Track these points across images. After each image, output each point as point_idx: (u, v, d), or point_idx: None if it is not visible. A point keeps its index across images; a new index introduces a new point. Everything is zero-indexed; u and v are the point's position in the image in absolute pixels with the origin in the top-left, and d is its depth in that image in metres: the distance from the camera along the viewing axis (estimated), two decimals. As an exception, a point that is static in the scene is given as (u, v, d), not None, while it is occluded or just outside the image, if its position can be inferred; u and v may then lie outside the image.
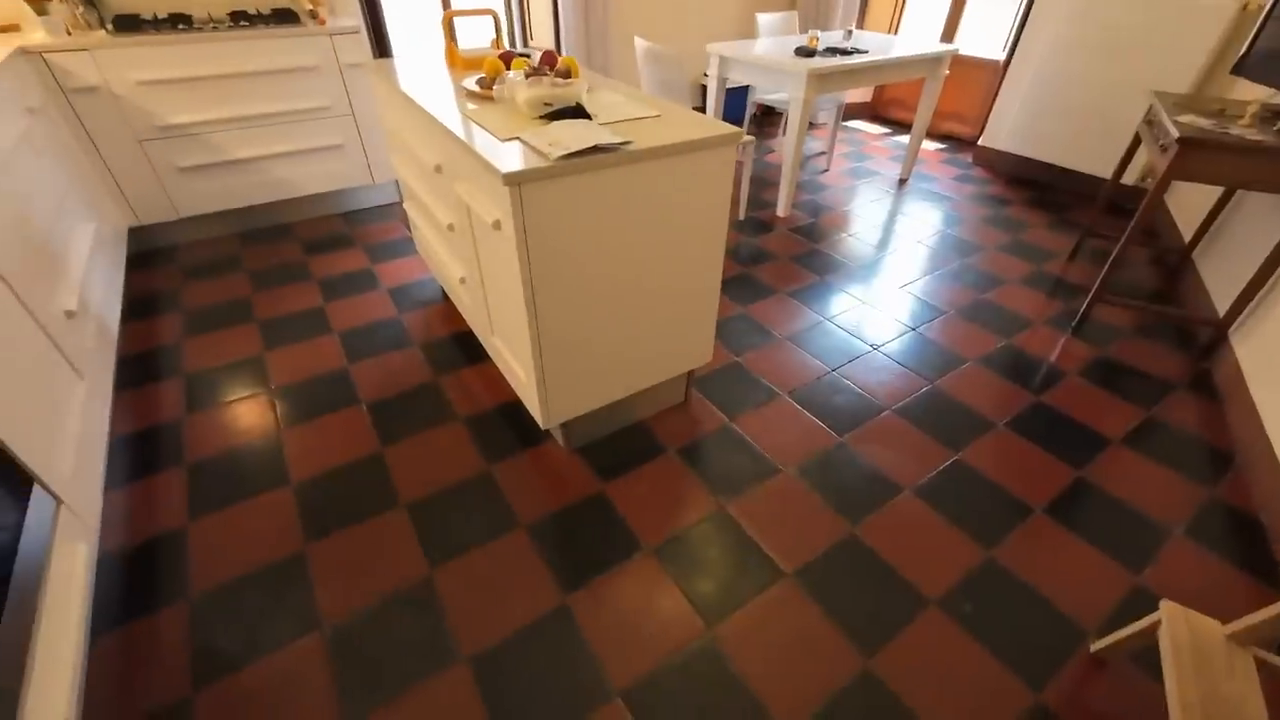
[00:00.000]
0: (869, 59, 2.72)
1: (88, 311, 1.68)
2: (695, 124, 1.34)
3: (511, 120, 1.34)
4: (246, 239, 2.71)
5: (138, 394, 1.81)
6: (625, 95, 1.55)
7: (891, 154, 3.93)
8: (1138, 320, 2.26)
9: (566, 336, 1.37)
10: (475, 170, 1.25)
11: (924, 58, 2.95)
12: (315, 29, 2.43)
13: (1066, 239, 2.87)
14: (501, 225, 1.21)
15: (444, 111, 1.43)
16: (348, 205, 2.96)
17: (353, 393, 1.84)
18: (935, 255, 2.71)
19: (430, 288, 2.38)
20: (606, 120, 1.35)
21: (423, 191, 1.79)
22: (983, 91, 3.89)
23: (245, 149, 2.51)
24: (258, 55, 2.37)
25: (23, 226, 1.49)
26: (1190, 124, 1.84)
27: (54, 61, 2.06)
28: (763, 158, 3.83)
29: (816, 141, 4.10)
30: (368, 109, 2.69)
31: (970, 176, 3.58)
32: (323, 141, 2.66)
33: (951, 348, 2.09)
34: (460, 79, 1.74)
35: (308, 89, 2.52)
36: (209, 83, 2.33)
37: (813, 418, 1.78)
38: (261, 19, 2.47)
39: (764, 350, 2.06)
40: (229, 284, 2.37)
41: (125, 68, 2.17)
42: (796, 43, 2.98)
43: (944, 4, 3.95)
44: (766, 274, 2.53)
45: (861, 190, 3.38)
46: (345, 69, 2.56)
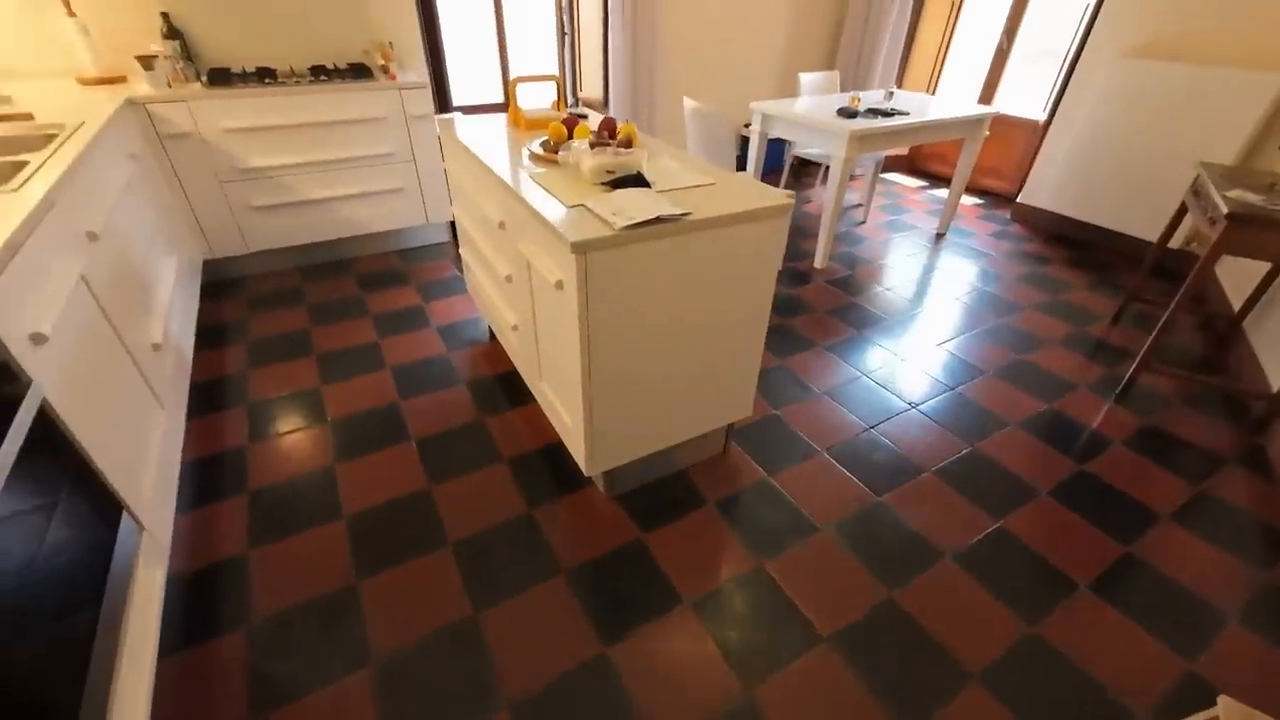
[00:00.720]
0: (909, 121, 2.80)
1: (169, 342, 1.81)
2: (746, 193, 1.41)
3: (576, 186, 1.43)
4: (308, 273, 2.87)
5: (205, 421, 1.92)
6: (681, 163, 1.64)
7: (929, 208, 3.98)
8: (1185, 389, 2.22)
9: (616, 390, 1.43)
10: (541, 233, 1.34)
11: (964, 120, 3.02)
12: (386, 84, 2.62)
13: (1108, 301, 2.85)
14: (564, 286, 1.28)
15: (511, 173, 1.53)
16: (403, 243, 3.12)
17: (403, 429, 1.92)
18: (973, 313, 2.72)
19: (478, 327, 2.48)
20: (665, 188, 1.43)
21: (482, 241, 1.89)
22: (1022, 149, 3.93)
23: (314, 190, 2.69)
24: (333, 107, 2.56)
25: (124, 265, 1.63)
26: (1239, 199, 1.85)
27: (154, 111, 2.27)
28: (801, 207, 3.91)
29: (854, 193, 4.17)
30: (427, 156, 2.86)
31: (1008, 233, 3.59)
32: (385, 185, 2.83)
33: (991, 409, 2.09)
34: (524, 139, 1.85)
35: (375, 137, 2.70)
36: (287, 130, 2.52)
37: (851, 475, 1.79)
38: (338, 73, 2.68)
39: (802, 404, 2.09)
40: (291, 316, 2.51)
41: (215, 117, 2.37)
42: (838, 102, 3.08)
43: (983, 65, 4.04)
44: (804, 326, 2.57)
45: (898, 243, 3.42)
46: (410, 120, 2.74)
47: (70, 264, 1.29)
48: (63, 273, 1.24)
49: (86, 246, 1.41)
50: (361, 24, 2.87)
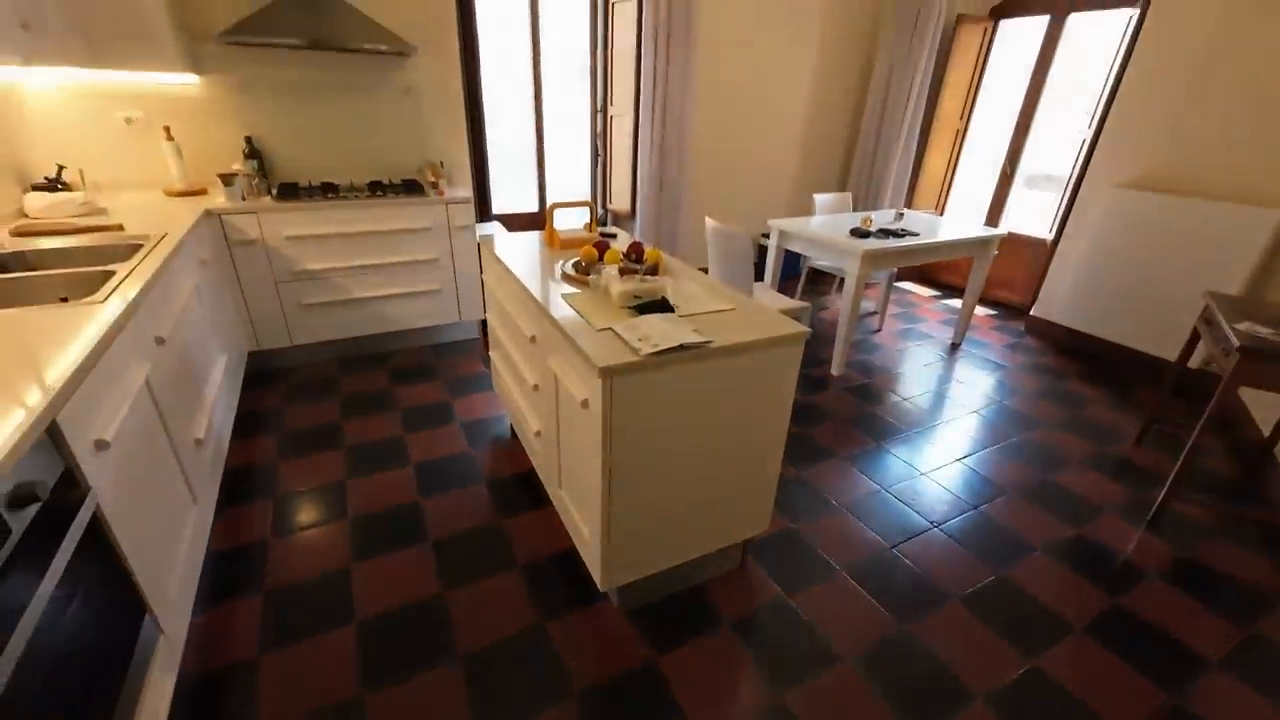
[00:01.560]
0: (919, 242, 2.96)
1: (210, 436, 1.90)
2: (764, 320, 1.50)
3: (605, 309, 1.54)
4: (345, 365, 3.01)
5: (233, 513, 1.97)
6: (703, 286, 1.75)
7: (943, 317, 4.08)
8: (1220, 518, 2.15)
9: (634, 507, 1.45)
10: (570, 352, 1.43)
11: (972, 240, 3.18)
12: (435, 199, 2.89)
13: (1130, 420, 2.83)
14: (590, 405, 1.35)
15: (545, 292, 1.65)
16: (436, 339, 3.28)
17: (421, 528, 1.93)
18: (993, 427, 2.71)
19: (500, 425, 2.55)
20: (687, 312, 1.53)
21: (513, 350, 2.00)
22: (1032, 265, 4.07)
23: (358, 290, 2.89)
24: (385, 219, 2.81)
25: (183, 365, 1.76)
26: (1249, 331, 1.89)
27: (228, 220, 2.52)
28: (817, 313, 4.04)
29: (868, 301, 4.31)
30: (465, 261, 3.08)
31: (1023, 346, 3.65)
32: (425, 287, 3.03)
33: (1017, 532, 2.04)
34: (557, 257, 2.01)
35: (421, 245, 2.94)
36: (342, 238, 2.76)
37: (871, 599, 1.73)
38: (393, 188, 2.96)
39: (820, 518, 2.06)
40: (324, 408, 2.61)
41: (280, 226, 2.62)
42: (850, 221, 3.28)
43: (989, 187, 4.29)
44: (822, 435, 2.58)
45: (914, 353, 3.49)
46: (453, 230, 2.98)
47: (138, 369, 1.40)
48: (131, 378, 1.35)
49: (153, 350, 1.54)
50: (419, 146, 3.21)
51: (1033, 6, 3.81)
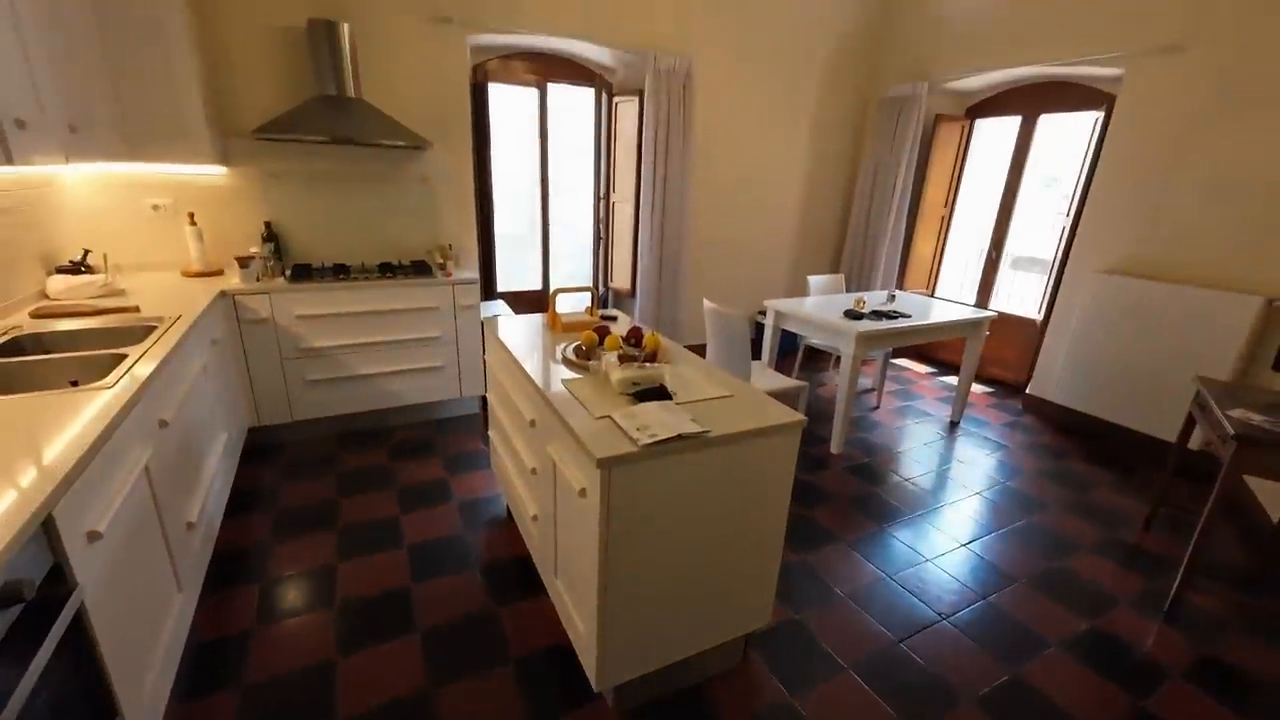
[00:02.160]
0: (911, 324, 3.03)
1: (203, 518, 1.87)
2: (762, 408, 1.52)
3: (604, 396, 1.56)
4: (344, 440, 3.01)
5: (216, 600, 1.90)
6: (700, 372, 1.79)
7: (940, 394, 4.11)
8: (1238, 610, 2.08)
9: (631, 601, 1.41)
10: (568, 440, 1.44)
11: (963, 322, 3.26)
12: (442, 280, 2.99)
13: (1136, 502, 2.79)
14: (587, 494, 1.34)
15: (545, 377, 1.69)
16: (436, 414, 3.29)
17: (411, 617, 1.87)
18: (997, 510, 2.67)
19: (497, 505, 2.51)
20: (685, 399, 1.55)
21: (512, 432, 2.01)
22: (1024, 343, 4.14)
23: (362, 367, 2.93)
24: (393, 299, 2.90)
25: (183, 446, 1.77)
26: (1243, 419, 1.91)
27: (241, 300, 2.60)
28: (815, 389, 4.08)
29: (866, 378, 4.35)
30: (468, 339, 3.14)
31: (1022, 424, 3.65)
32: (428, 363, 3.08)
33: (1029, 625, 1.96)
34: (559, 339, 2.06)
35: (426, 323, 3.01)
36: (350, 317, 2.84)
37: (882, 702, 1.64)
38: (403, 269, 3.08)
39: (825, 609, 1.99)
40: (321, 485, 2.59)
41: (291, 306, 2.70)
42: (844, 302, 3.38)
43: (977, 268, 4.45)
44: (824, 517, 2.54)
45: (914, 431, 3.49)
46: (459, 309, 3.07)
47: (139, 454, 1.41)
48: (131, 464, 1.36)
49: (156, 433, 1.55)
50: (430, 230, 3.37)
51: (1005, 108, 4.10)
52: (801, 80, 4.25)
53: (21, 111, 1.60)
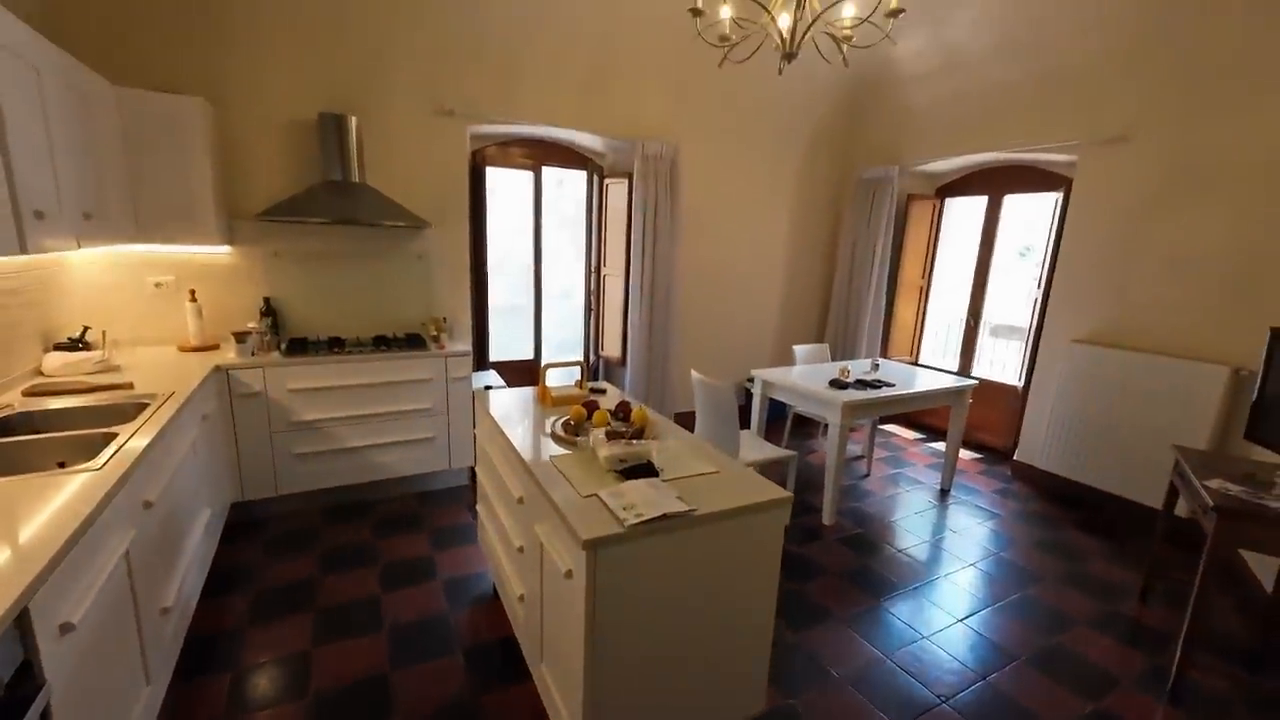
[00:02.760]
0: (895, 393, 3.10)
1: (178, 602, 1.81)
2: (749, 484, 1.54)
3: (591, 472, 1.58)
4: (328, 514, 2.95)
5: (185, 690, 1.81)
6: (687, 446, 1.81)
7: (929, 461, 4.12)
8: (1241, 688, 2.02)
9: (618, 685, 1.37)
10: (555, 519, 1.44)
11: (946, 391, 3.33)
12: (435, 352, 3.05)
13: (1130, 572, 2.76)
14: (573, 576, 1.34)
15: (534, 453, 1.71)
16: (424, 486, 3.26)
17: (388, 707, 1.78)
18: (993, 583, 2.63)
19: (483, 582, 2.45)
20: (672, 475, 1.57)
21: (500, 509, 2.00)
22: (1008, 409, 4.20)
23: (352, 440, 2.93)
24: (386, 371, 2.94)
25: (165, 528, 1.74)
26: (1221, 489, 1.94)
27: (234, 375, 2.63)
28: (804, 457, 4.08)
29: (855, 445, 4.37)
30: (459, 410, 3.16)
31: (1012, 491, 3.65)
32: (418, 435, 3.08)
33: (1032, 709, 1.90)
34: (549, 413, 2.09)
35: (418, 395, 3.04)
36: (342, 390, 2.86)
37: (883, 797, 1.56)
38: (397, 342, 3.14)
39: (821, 693, 1.92)
40: (301, 564, 2.52)
41: (284, 379, 2.73)
42: (829, 371, 3.46)
43: (957, 336, 4.58)
44: (818, 592, 2.49)
45: (905, 499, 3.48)
46: (451, 381, 3.11)
47: (120, 539, 1.40)
48: (111, 550, 1.34)
49: (139, 515, 1.54)
50: (425, 303, 3.46)
51: (972, 189, 4.37)
52: (781, 163, 4.53)
53: (41, 203, 1.69)
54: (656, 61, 3.62)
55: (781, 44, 2.06)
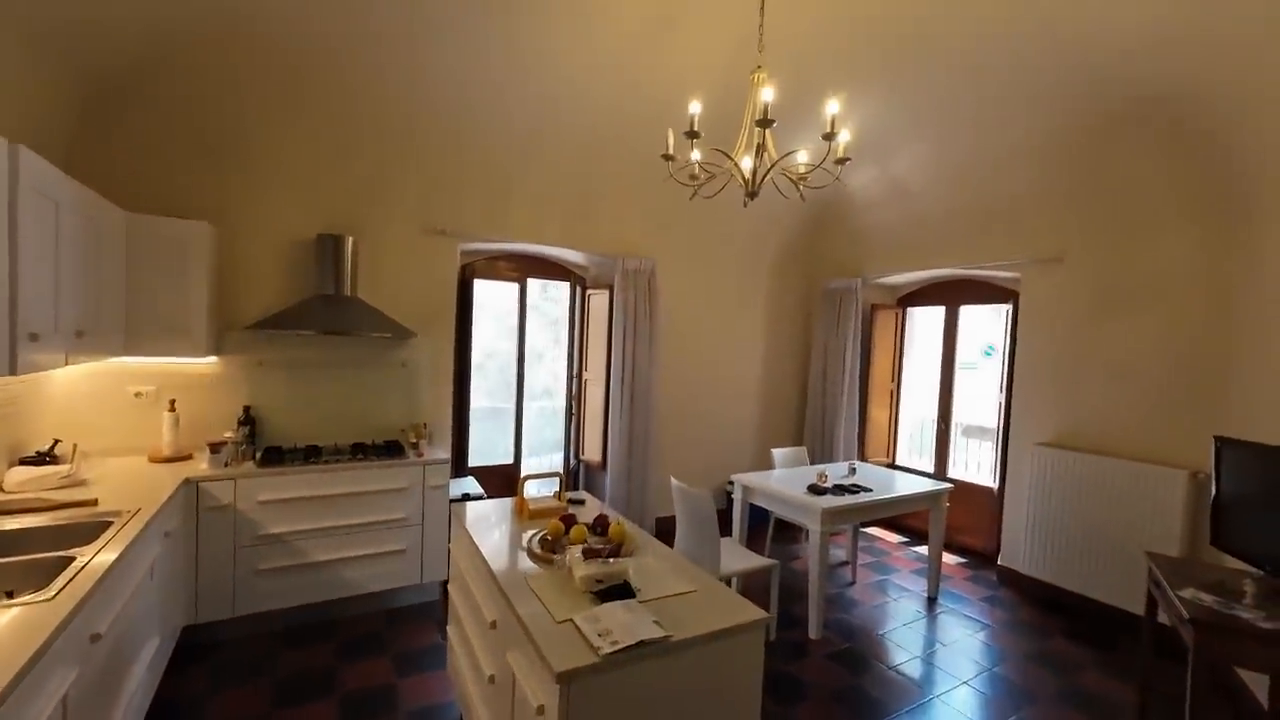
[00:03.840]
0: (873, 498, 3.13)
1: (111, 749, 1.66)
2: (727, 605, 1.53)
3: (567, 594, 1.55)
4: (287, 636, 2.76)
5: None
6: (666, 562, 1.80)
7: (914, 566, 4.05)
8: (1258, 823, 1.91)
9: (593, 844, 1.27)
10: (529, 649, 1.40)
11: (924, 494, 3.37)
12: (414, 460, 3.03)
13: (1124, 684, 2.67)
14: (545, 713, 1.28)
15: (510, 574, 1.68)
16: (392, 603, 3.09)
17: None
18: (990, 704, 2.52)
19: (450, 713, 2.28)
20: (649, 596, 1.55)
21: (472, 633, 1.92)
22: (987, 511, 4.22)
23: (320, 553, 2.82)
24: (363, 481, 2.90)
25: (109, 662, 1.63)
26: (1194, 600, 1.95)
27: (204, 487, 2.57)
28: (788, 563, 3.99)
29: (838, 550, 4.30)
30: (434, 520, 3.09)
31: (999, 599, 3.58)
32: (391, 547, 2.98)
33: None
34: (526, 526, 2.07)
35: (394, 504, 2.98)
36: (315, 500, 2.80)
37: None
38: (375, 450, 3.12)
39: (813, 842, 1.77)
40: (251, 696, 2.33)
41: (256, 491, 2.67)
42: (809, 475, 3.48)
43: (931, 433, 4.69)
44: (806, 717, 2.35)
45: (892, 609, 3.39)
46: (428, 490, 3.06)
47: (62, 679, 1.32)
48: (51, 693, 1.26)
49: (85, 650, 1.45)
50: (406, 409, 3.49)
51: (930, 299, 4.69)
52: (752, 275, 4.85)
53: (38, 326, 1.75)
54: (636, 190, 3.97)
55: (745, 184, 2.32)
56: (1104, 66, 2.72)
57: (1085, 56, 2.68)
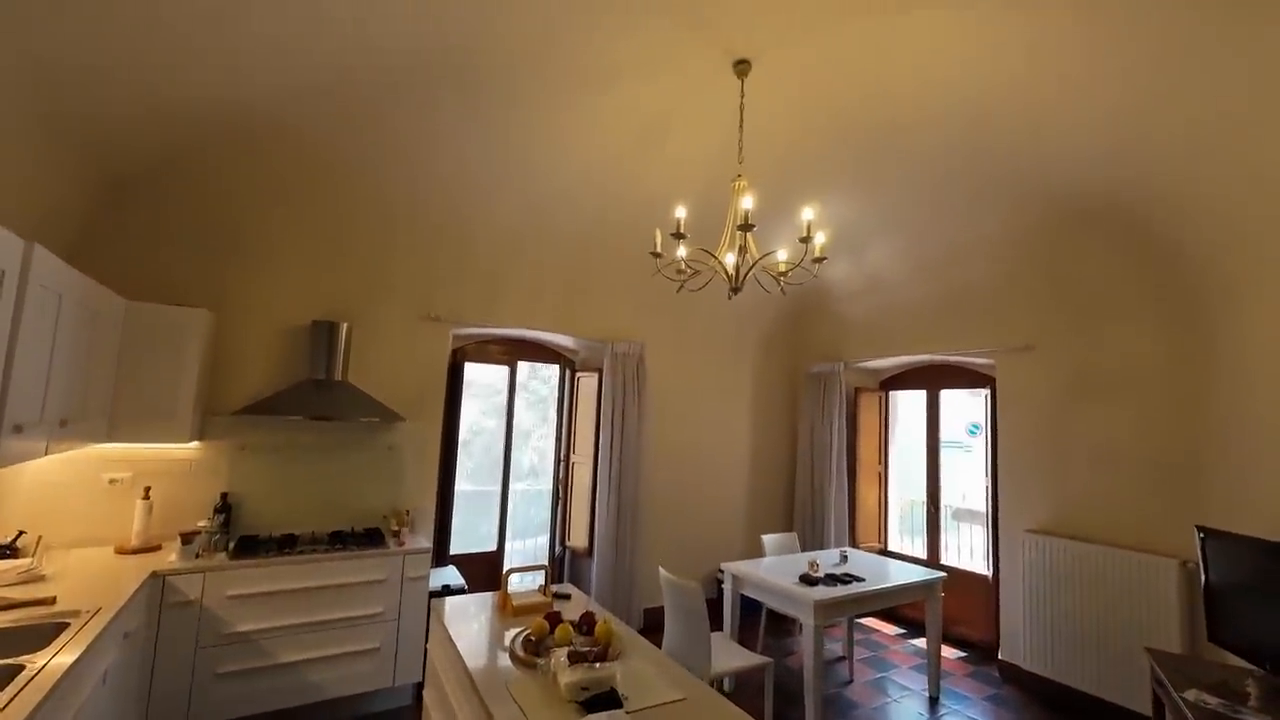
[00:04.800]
0: (866, 589, 3.05)
1: None
2: (717, 714, 1.46)
3: (551, 703, 1.48)
4: (240, 752, 2.54)
5: None
6: (655, 666, 1.73)
7: (913, 661, 3.88)
8: None
9: None
10: (510, 768, 1.32)
11: (917, 584, 3.30)
12: (394, 549, 2.94)
13: (1146, 801, 2.51)
14: (525, 845, 1.18)
15: (490, 679, 1.60)
16: (360, 709, 2.87)
17: None
18: (999, 821, 2.35)
19: (417, 844, 2.07)
20: (638, 705, 1.48)
21: (447, 746, 1.80)
22: (983, 601, 4.11)
23: (287, 654, 2.65)
24: (339, 573, 2.79)
25: (47, 786, 1.49)
26: (1199, 703, 1.90)
27: (171, 582, 2.45)
28: (783, 659, 3.80)
29: (834, 643, 4.12)
30: (411, 614, 2.94)
31: (1003, 698, 3.42)
32: (364, 645, 2.81)
33: None
34: (509, 623, 1.99)
35: (370, 598, 2.85)
36: (287, 594, 2.67)
37: None
38: (354, 538, 3.02)
39: None
40: (195, 825, 2.10)
41: (225, 585, 2.55)
42: (799, 563, 3.40)
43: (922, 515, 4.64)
44: (806, 843, 2.17)
45: (893, 712, 3.21)
46: (407, 581, 2.94)
47: (-4, 811, 1.20)
48: (-18, 828, 1.15)
49: (24, 776, 1.33)
50: (390, 494, 3.41)
51: (911, 383, 4.81)
52: (738, 359, 4.96)
53: (24, 417, 1.74)
54: (625, 281, 4.13)
55: (728, 279, 2.44)
56: (1056, 174, 2.98)
57: (1038, 165, 2.95)
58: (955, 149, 2.96)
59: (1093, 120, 2.53)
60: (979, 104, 2.58)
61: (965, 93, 2.52)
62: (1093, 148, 2.71)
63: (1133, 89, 2.30)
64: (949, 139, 2.89)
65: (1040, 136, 2.73)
